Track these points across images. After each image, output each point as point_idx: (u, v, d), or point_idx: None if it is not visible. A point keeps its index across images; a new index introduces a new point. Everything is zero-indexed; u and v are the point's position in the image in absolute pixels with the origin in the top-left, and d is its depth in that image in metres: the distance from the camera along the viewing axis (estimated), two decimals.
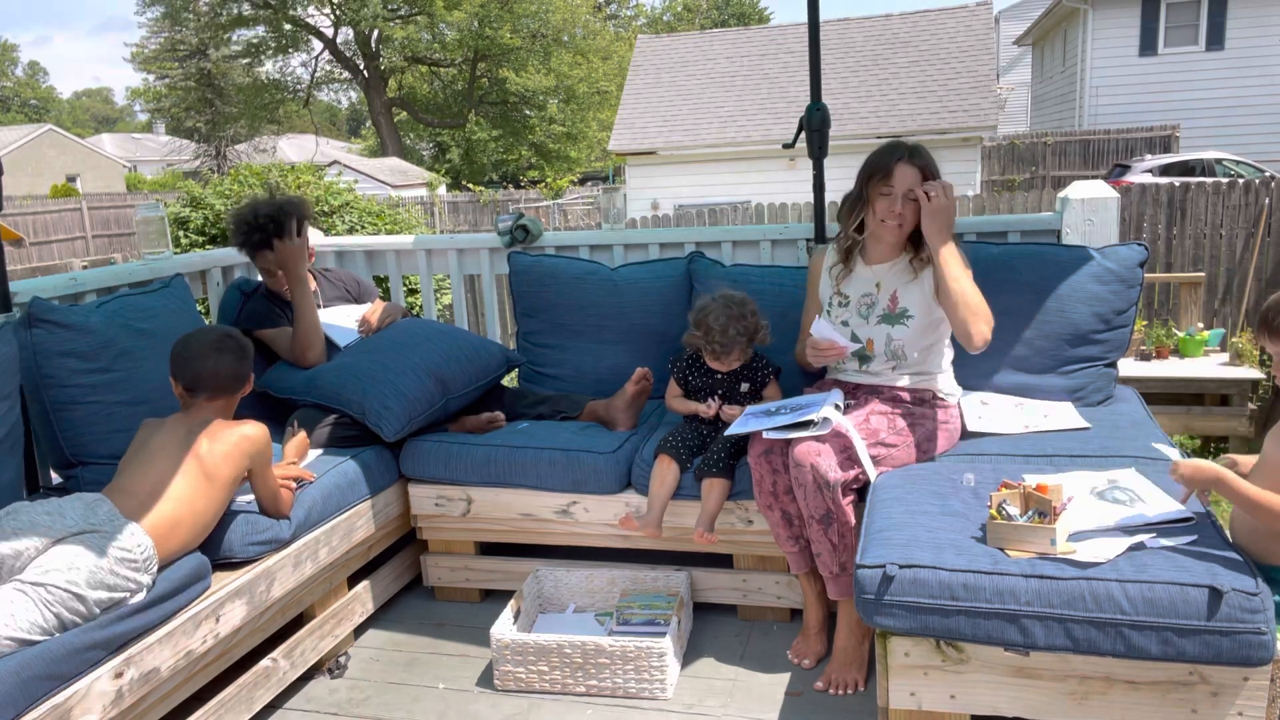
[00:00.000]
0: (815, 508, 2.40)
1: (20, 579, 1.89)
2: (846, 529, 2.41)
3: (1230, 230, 7.61)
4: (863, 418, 2.53)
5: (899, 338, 2.61)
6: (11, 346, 2.51)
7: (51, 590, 1.87)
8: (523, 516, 2.96)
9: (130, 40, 62.17)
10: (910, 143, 2.63)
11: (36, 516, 2.00)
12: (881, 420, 2.54)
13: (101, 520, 2.03)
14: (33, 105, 59.71)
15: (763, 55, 17.34)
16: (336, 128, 55.72)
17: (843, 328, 2.71)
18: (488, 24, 30.83)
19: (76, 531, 1.98)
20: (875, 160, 2.62)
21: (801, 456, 2.39)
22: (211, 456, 2.26)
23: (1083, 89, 19.21)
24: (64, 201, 21.95)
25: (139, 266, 3.37)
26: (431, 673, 2.72)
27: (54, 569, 1.90)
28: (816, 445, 2.40)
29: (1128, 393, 3.01)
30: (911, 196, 2.55)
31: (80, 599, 1.91)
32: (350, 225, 7.02)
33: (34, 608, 1.85)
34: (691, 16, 42.45)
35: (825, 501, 2.38)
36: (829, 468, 2.37)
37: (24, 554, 1.92)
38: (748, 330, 2.77)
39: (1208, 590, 1.77)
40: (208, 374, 2.37)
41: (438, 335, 3.21)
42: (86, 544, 1.96)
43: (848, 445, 2.43)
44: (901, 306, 2.62)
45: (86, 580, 1.92)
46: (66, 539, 1.97)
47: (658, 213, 13.95)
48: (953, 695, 2.01)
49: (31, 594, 1.86)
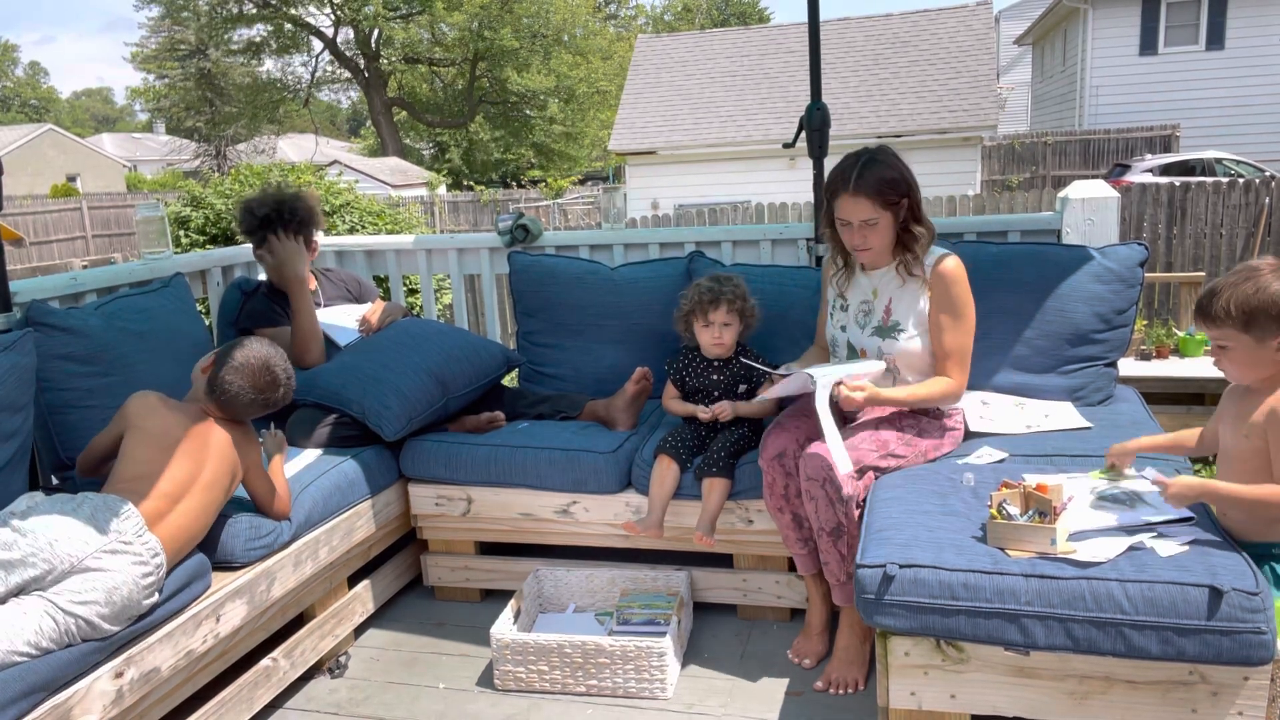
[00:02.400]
0: (826, 520, 2.38)
1: (55, 601, 1.86)
2: (855, 540, 2.39)
3: (1230, 230, 7.61)
4: (872, 427, 2.50)
5: (889, 352, 2.56)
6: (30, 357, 2.46)
7: (80, 623, 1.87)
8: (523, 516, 2.96)
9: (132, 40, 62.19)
10: (865, 157, 2.46)
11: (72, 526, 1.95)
12: (890, 432, 2.49)
13: (131, 537, 2.01)
14: (33, 105, 59.72)
15: (763, 55, 17.34)
16: (337, 127, 55.73)
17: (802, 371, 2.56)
18: (488, 24, 30.84)
19: (109, 549, 1.95)
20: (829, 184, 2.52)
21: (818, 470, 2.35)
22: (221, 463, 2.27)
23: (1083, 89, 19.22)
24: (64, 201, 21.95)
25: (139, 266, 3.37)
26: (431, 672, 2.72)
27: (92, 601, 1.89)
28: (829, 460, 2.35)
29: (1128, 392, 3.01)
30: (872, 222, 2.46)
31: (106, 631, 1.92)
32: (351, 225, 7.03)
33: (58, 630, 1.85)
34: (691, 16, 42.45)
35: (837, 515, 2.36)
36: (843, 481, 2.34)
37: (57, 568, 1.90)
38: (737, 290, 2.76)
39: (1208, 590, 1.77)
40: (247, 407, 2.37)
41: (438, 335, 3.21)
42: (120, 575, 1.94)
43: (860, 459, 2.39)
44: (894, 319, 2.55)
45: (116, 615, 1.93)
46: (100, 554, 1.93)
47: (658, 212, 13.96)
48: (953, 695, 2.01)
49: (60, 620, 1.85)
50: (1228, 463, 2.02)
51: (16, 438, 2.40)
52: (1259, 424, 1.91)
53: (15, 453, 2.39)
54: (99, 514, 2.00)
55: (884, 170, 2.44)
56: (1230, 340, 1.94)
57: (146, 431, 2.24)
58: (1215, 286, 1.96)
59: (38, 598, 1.86)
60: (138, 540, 2.01)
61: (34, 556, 1.88)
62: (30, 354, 2.46)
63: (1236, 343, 1.93)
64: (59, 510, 1.99)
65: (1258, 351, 1.91)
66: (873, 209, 2.44)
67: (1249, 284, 1.90)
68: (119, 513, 2.03)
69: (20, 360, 2.42)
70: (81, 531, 1.95)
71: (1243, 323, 1.90)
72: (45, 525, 1.94)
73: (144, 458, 2.20)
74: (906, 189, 2.47)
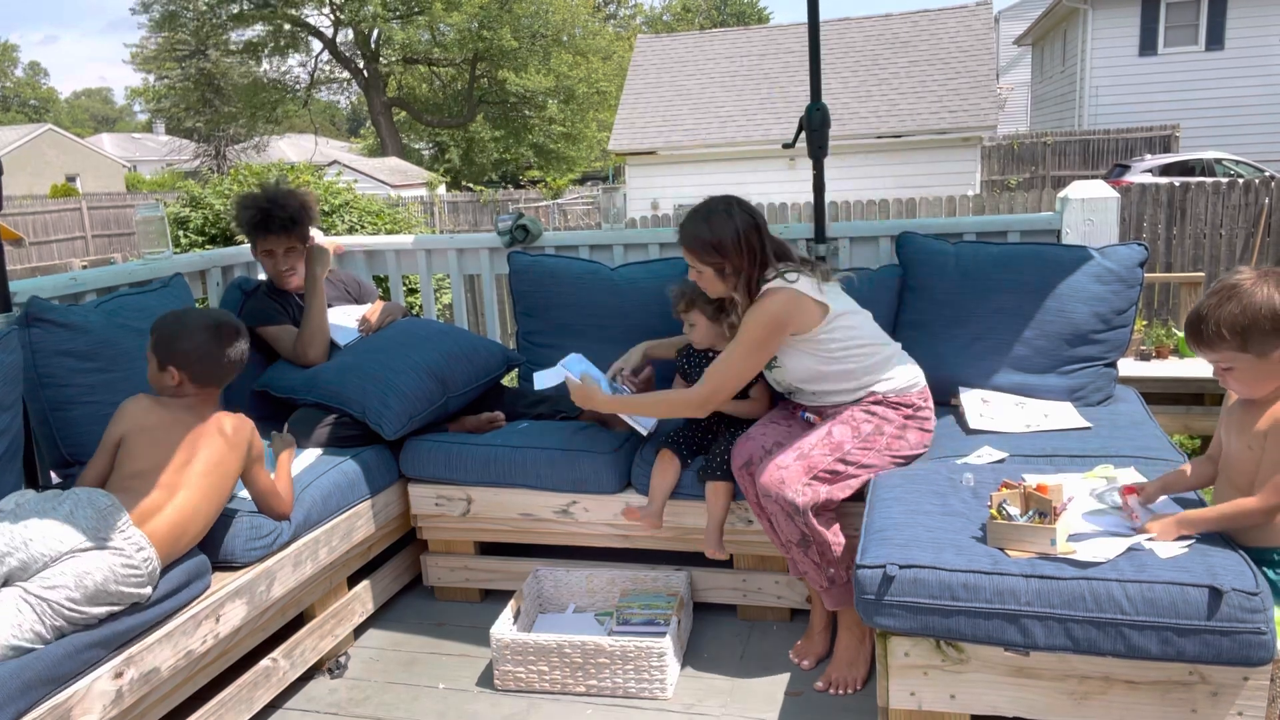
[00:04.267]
0: (789, 533, 2.40)
1: (25, 587, 1.87)
2: (825, 546, 2.40)
3: (1230, 230, 7.62)
4: (824, 432, 2.47)
5: (781, 380, 2.62)
6: (16, 355, 2.46)
7: (54, 606, 1.87)
8: (522, 516, 2.96)
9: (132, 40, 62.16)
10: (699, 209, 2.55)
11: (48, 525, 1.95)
12: (844, 430, 2.47)
13: (112, 532, 2.00)
14: (32, 105, 59.70)
15: (762, 55, 17.35)
16: (336, 127, 55.71)
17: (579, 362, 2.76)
18: (487, 24, 30.84)
19: (85, 548, 1.94)
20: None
21: (768, 485, 2.37)
22: (217, 456, 2.25)
23: (1082, 89, 19.22)
24: (64, 201, 21.95)
25: (139, 266, 3.37)
26: (431, 673, 2.72)
27: (60, 585, 1.88)
28: (780, 473, 2.37)
29: (1128, 393, 3.01)
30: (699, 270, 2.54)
31: (82, 613, 1.91)
32: (350, 225, 7.03)
33: (36, 619, 1.85)
34: (691, 16, 42.45)
35: (798, 527, 2.38)
36: (796, 493, 2.34)
37: (31, 567, 1.90)
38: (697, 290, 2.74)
39: (1208, 590, 1.77)
40: (225, 365, 2.32)
41: (438, 335, 3.21)
42: (95, 562, 1.93)
43: (813, 465, 2.39)
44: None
45: (90, 598, 1.92)
46: (76, 553, 1.93)
47: (658, 212, 13.95)
48: (953, 695, 2.01)
49: (36, 607, 1.85)
50: (1230, 470, 1.99)
51: (5, 436, 2.40)
52: (1261, 433, 1.88)
53: (5, 451, 2.40)
54: (78, 511, 1.99)
55: (699, 227, 2.51)
56: (1231, 361, 1.90)
57: (142, 429, 2.24)
58: (1200, 311, 1.91)
59: (10, 588, 1.87)
60: (119, 536, 2.00)
61: (9, 556, 1.87)
62: (16, 351, 2.46)
63: (1238, 362, 1.89)
64: (37, 510, 1.99)
65: (1261, 365, 1.87)
66: (692, 260, 2.54)
67: (1233, 304, 1.85)
68: (100, 509, 2.02)
69: (7, 358, 2.41)
70: (57, 530, 1.94)
71: (1239, 343, 1.86)
72: (23, 524, 1.93)
73: (141, 454, 2.20)
74: (720, 251, 2.49)
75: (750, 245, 2.50)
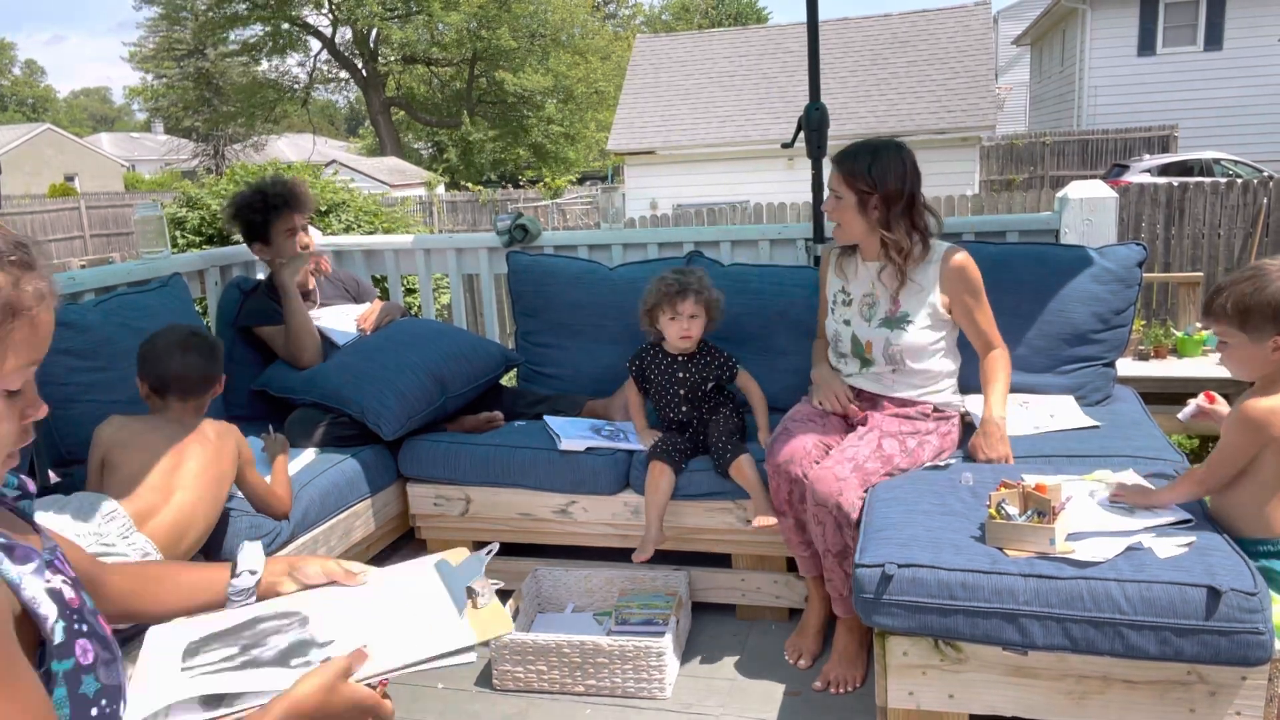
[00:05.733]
0: (834, 544, 2.36)
1: None
2: None
3: (1228, 230, 7.62)
4: (874, 444, 2.45)
5: (896, 343, 2.55)
6: None
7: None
8: (521, 516, 2.96)
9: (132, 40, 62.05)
10: (871, 143, 2.54)
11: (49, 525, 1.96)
12: (893, 444, 2.47)
13: (114, 539, 1.99)
14: (30, 104, 59.66)
15: (761, 55, 17.36)
16: (335, 127, 55.71)
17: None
18: (485, 24, 30.83)
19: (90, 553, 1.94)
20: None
21: (826, 495, 2.31)
22: (207, 458, 2.25)
23: (1081, 89, 19.24)
24: (62, 201, 21.94)
25: (137, 266, 3.37)
26: (430, 672, 2.71)
27: None
28: (839, 484, 2.32)
29: (1126, 392, 3.01)
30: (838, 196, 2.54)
31: None
32: (347, 224, 7.03)
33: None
34: (690, 16, 42.44)
35: (844, 539, 2.34)
36: (852, 506, 2.31)
37: None
38: (702, 282, 2.77)
39: (1206, 590, 1.77)
40: (173, 376, 2.30)
41: (436, 335, 3.21)
42: None
43: (867, 478, 2.37)
44: (903, 310, 2.55)
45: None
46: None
47: (656, 212, 13.95)
48: (951, 694, 2.01)
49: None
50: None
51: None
52: (1229, 422, 1.97)
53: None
54: (81, 515, 1.99)
55: (864, 160, 2.49)
56: (1229, 337, 1.98)
57: (121, 444, 2.22)
58: (1223, 283, 2.00)
59: None
60: (122, 542, 1.99)
61: None
62: None
63: (1233, 339, 1.97)
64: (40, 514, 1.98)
65: (1253, 349, 1.94)
66: (839, 184, 2.53)
67: (1250, 283, 1.92)
68: (104, 513, 2.01)
69: None
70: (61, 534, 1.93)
71: (1239, 321, 1.93)
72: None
73: (125, 463, 2.18)
74: (872, 186, 2.48)
75: (911, 191, 2.51)
